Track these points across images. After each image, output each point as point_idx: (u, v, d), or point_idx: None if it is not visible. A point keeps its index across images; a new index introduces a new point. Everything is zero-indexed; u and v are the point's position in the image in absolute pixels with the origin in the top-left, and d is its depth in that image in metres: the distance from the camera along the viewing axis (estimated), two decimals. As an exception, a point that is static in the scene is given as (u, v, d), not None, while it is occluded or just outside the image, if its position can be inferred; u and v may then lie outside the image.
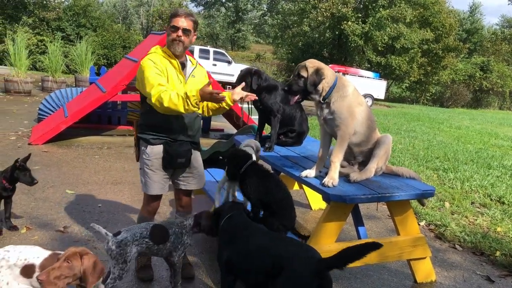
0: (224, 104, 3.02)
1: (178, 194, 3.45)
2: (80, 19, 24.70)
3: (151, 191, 3.22)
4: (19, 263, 2.32)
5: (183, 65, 3.16)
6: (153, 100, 2.84)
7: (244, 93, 3.08)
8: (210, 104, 3.29)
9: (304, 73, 3.09)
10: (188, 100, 2.76)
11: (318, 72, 3.07)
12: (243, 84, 3.45)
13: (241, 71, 4.07)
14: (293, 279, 2.25)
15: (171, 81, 3.03)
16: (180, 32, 3.02)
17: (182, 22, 3.02)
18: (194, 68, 3.25)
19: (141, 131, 3.15)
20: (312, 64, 3.12)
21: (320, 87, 3.08)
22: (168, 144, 3.11)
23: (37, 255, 2.37)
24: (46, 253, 2.39)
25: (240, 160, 3.21)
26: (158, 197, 3.30)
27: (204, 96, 2.79)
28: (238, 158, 3.22)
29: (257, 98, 3.21)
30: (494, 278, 3.85)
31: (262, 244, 2.51)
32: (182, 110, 2.81)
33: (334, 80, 3.13)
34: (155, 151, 3.11)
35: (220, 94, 2.80)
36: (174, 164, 3.16)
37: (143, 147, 3.15)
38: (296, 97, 3.16)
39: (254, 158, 3.45)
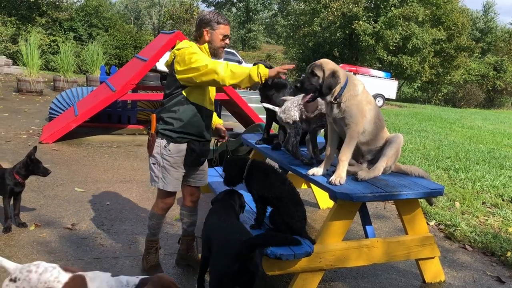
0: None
1: (190, 190, 3.40)
2: (92, 19, 24.88)
3: (170, 188, 3.17)
4: (40, 286, 2.18)
5: None
6: (218, 70, 2.80)
7: (281, 68, 3.00)
8: None
9: (318, 73, 3.04)
10: (262, 70, 2.87)
11: (334, 75, 3.02)
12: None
13: (254, 63, 4.04)
14: (216, 260, 2.47)
15: None
16: (228, 40, 3.11)
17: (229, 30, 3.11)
18: None
19: (166, 128, 3.06)
20: (328, 66, 3.06)
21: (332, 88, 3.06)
22: (193, 143, 3.10)
23: (57, 278, 2.20)
24: (66, 276, 2.21)
25: (239, 166, 3.19)
26: (173, 194, 3.25)
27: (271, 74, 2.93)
28: (236, 165, 3.21)
29: (294, 66, 3.20)
30: (505, 279, 3.79)
31: (208, 227, 2.82)
32: (247, 79, 2.87)
33: (345, 80, 3.11)
34: (179, 148, 3.08)
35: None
36: (197, 163, 3.18)
37: (164, 143, 3.07)
38: (308, 96, 3.12)
39: (278, 113, 3.66)
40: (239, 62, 24.53)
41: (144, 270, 3.32)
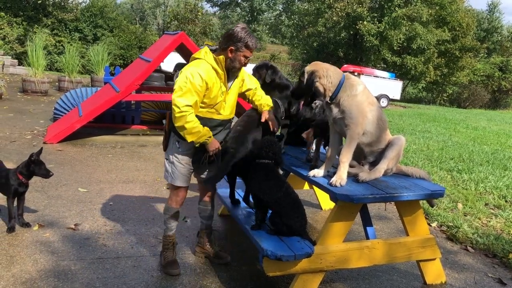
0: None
1: (204, 187, 3.55)
2: (97, 20, 25.00)
3: (177, 183, 3.34)
4: None
5: (228, 74, 3.21)
6: (177, 113, 2.96)
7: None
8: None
9: (302, 78, 3.18)
10: (204, 138, 3.06)
11: (312, 74, 3.11)
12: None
13: (257, 64, 4.07)
14: None
15: (212, 93, 3.08)
16: (248, 60, 3.18)
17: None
18: (236, 77, 3.31)
19: None
20: (309, 67, 3.18)
21: (320, 88, 3.11)
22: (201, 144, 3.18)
23: None
24: None
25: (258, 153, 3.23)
26: (184, 188, 3.41)
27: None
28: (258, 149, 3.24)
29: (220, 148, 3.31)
30: (506, 281, 3.78)
31: None
32: (188, 137, 3.05)
33: (339, 79, 3.13)
34: (189, 146, 3.20)
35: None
36: (204, 162, 3.25)
37: (176, 142, 3.24)
38: (302, 102, 3.28)
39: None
40: (243, 63, 24.57)
41: (162, 266, 3.42)
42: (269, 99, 3.58)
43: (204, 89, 3.04)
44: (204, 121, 3.14)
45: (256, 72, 4.02)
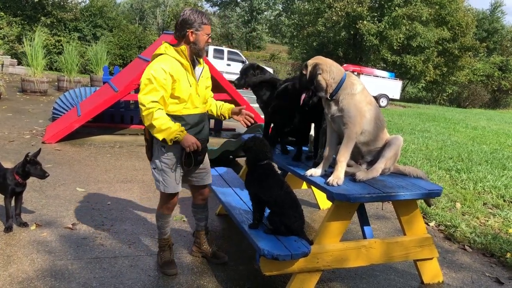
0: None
1: (196, 189, 3.53)
2: (96, 19, 24.96)
3: (169, 190, 3.25)
4: None
5: (193, 65, 3.19)
6: (144, 111, 2.95)
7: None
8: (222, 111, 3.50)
9: (304, 71, 3.16)
10: (175, 133, 2.97)
11: (315, 67, 3.09)
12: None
13: (243, 66, 4.05)
14: None
15: (181, 86, 3.04)
16: (210, 39, 3.15)
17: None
18: (203, 68, 3.29)
19: None
20: (313, 60, 3.16)
21: (323, 83, 3.09)
22: None
23: None
24: None
25: (257, 157, 3.21)
26: (176, 194, 3.35)
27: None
28: (256, 154, 3.22)
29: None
30: (504, 280, 3.79)
31: None
32: (158, 135, 2.99)
33: (341, 77, 3.13)
34: (174, 150, 3.14)
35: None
36: (195, 162, 3.22)
37: (161, 148, 3.14)
38: (303, 96, 3.20)
39: None
40: (243, 62, 24.58)
41: (159, 266, 3.42)
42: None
43: (170, 82, 2.98)
44: (182, 119, 3.09)
45: (244, 74, 3.97)
